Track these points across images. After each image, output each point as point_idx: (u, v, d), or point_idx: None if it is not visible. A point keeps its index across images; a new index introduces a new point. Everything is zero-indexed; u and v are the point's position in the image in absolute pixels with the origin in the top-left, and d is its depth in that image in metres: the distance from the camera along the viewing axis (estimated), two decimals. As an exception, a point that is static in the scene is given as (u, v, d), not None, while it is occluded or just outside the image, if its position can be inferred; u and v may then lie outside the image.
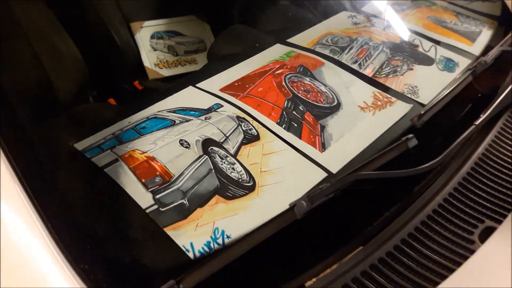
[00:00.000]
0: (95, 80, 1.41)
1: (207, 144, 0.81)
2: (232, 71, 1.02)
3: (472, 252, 0.71)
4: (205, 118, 0.87)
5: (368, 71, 1.04)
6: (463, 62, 1.13)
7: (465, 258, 0.70)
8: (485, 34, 1.25)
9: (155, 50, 1.65)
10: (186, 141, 0.81)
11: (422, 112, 0.88)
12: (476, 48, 1.19)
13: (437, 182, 0.84)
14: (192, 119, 0.86)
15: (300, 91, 0.96)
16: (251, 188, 0.74)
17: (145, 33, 1.65)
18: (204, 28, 1.75)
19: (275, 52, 1.10)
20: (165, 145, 0.80)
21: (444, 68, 1.10)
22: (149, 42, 1.63)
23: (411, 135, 0.81)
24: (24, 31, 1.08)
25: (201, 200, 0.71)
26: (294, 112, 0.90)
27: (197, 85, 0.97)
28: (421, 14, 1.33)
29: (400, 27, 1.24)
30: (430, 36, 1.22)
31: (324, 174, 0.78)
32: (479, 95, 1.03)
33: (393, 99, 0.97)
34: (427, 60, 1.12)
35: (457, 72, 1.09)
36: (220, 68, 1.03)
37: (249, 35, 1.20)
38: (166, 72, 1.63)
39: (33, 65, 1.09)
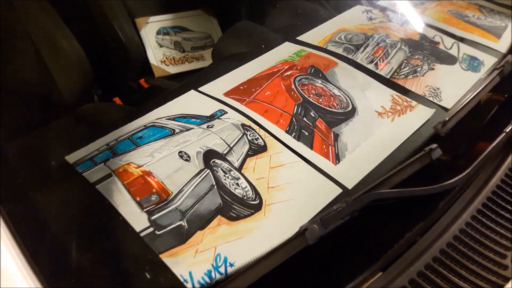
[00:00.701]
0: (100, 78, 1.36)
1: (209, 156, 0.74)
2: (237, 73, 0.94)
3: (506, 279, 0.63)
4: (207, 127, 0.79)
5: (386, 72, 0.96)
6: (489, 61, 1.04)
7: (499, 287, 0.62)
8: (512, 29, 1.16)
9: (161, 46, 1.59)
10: (186, 153, 0.74)
11: (447, 118, 0.80)
12: (503, 44, 1.09)
13: (463, 197, 0.76)
14: (193, 128, 0.79)
15: (311, 95, 0.88)
16: (258, 207, 0.67)
17: (150, 29, 1.59)
18: (212, 23, 1.69)
19: (284, 51, 1.02)
20: (163, 157, 0.73)
21: (468, 67, 1.01)
22: (155, 38, 1.58)
23: (435, 145, 0.73)
24: (26, 29, 1.05)
25: (201, 222, 0.64)
26: (304, 118, 0.83)
27: (199, 89, 0.90)
28: (441, 8, 1.23)
29: (419, 22, 1.15)
30: (452, 32, 1.13)
31: (339, 190, 0.70)
32: (508, 97, 0.94)
33: (414, 103, 0.89)
34: (449, 59, 1.03)
35: (483, 72, 1.00)
36: (225, 70, 0.95)
37: (256, 33, 1.12)
38: (172, 70, 1.57)
39: (36, 64, 1.06)
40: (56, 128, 1.10)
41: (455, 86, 0.94)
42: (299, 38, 1.06)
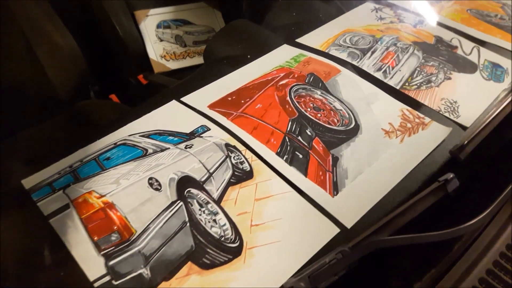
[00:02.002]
0: (98, 74, 1.31)
1: (184, 184, 0.63)
2: (227, 81, 0.83)
3: None
4: (186, 147, 0.68)
5: (395, 81, 0.84)
6: (514, 69, 0.91)
7: None
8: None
9: (161, 40, 1.52)
10: (157, 180, 0.63)
11: (465, 141, 0.68)
12: (530, 49, 0.96)
13: (483, 236, 0.64)
14: (169, 148, 0.68)
15: (309, 109, 0.76)
16: (237, 252, 0.56)
17: (150, 22, 1.51)
18: (215, 16, 1.59)
19: (281, 55, 0.90)
20: (130, 185, 0.63)
21: (489, 76, 0.88)
22: (155, 32, 1.50)
23: (451, 175, 0.62)
24: (19, 24, 1.00)
25: (168, 270, 0.53)
26: (299, 137, 0.71)
27: (182, 99, 0.79)
28: (460, 6, 1.10)
29: (434, 23, 1.02)
30: (471, 35, 1.00)
31: (336, 230, 0.59)
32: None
33: (427, 119, 0.77)
34: (468, 66, 0.90)
35: (507, 82, 0.87)
36: (213, 77, 0.84)
37: (252, 33, 1.01)
38: (173, 65, 1.49)
39: (29, 60, 1.02)
40: (35, 134, 1.02)
41: (475, 99, 0.82)
42: (298, 40, 0.94)
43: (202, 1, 1.59)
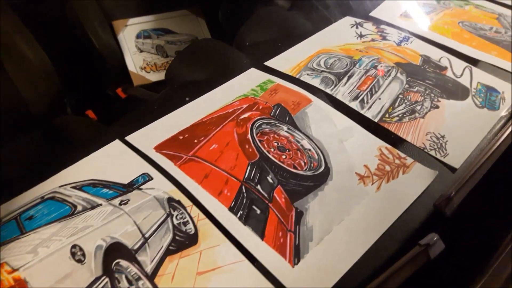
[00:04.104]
0: (74, 88, 1.26)
1: (113, 254, 0.52)
2: (182, 114, 0.72)
3: None
4: (120, 203, 0.57)
5: (374, 113, 0.73)
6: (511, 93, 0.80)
7: None
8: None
9: (141, 51, 1.43)
10: (81, 249, 0.52)
11: (452, 193, 0.57)
12: (529, 69, 0.86)
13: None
14: (100, 204, 0.57)
15: (272, 149, 0.66)
16: None
17: (129, 32, 1.42)
18: (199, 24, 1.50)
19: (247, 81, 0.79)
20: (49, 255, 0.52)
21: (483, 103, 0.77)
22: (134, 42, 1.41)
23: (434, 237, 0.51)
24: None
25: None
26: (258, 186, 0.60)
27: (127, 138, 0.68)
28: (450, 18, 0.99)
29: (421, 39, 0.91)
30: (463, 53, 0.89)
31: (293, 313, 0.48)
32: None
33: (409, 160, 0.66)
34: (459, 91, 0.79)
35: (503, 109, 0.76)
36: (167, 108, 0.73)
37: (218, 54, 0.90)
38: (154, 77, 1.39)
39: None
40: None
41: (466, 132, 0.71)
42: (268, 63, 0.84)
43: (185, 9, 1.49)
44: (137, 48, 1.42)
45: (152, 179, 0.61)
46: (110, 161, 0.64)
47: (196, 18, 1.49)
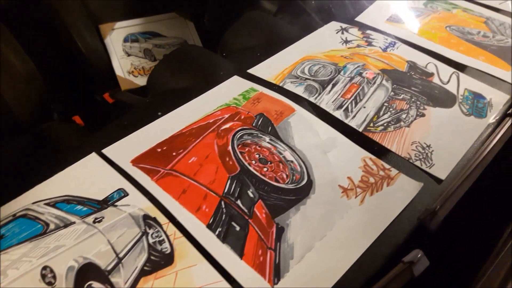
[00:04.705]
0: (61, 93, 1.24)
1: (85, 275, 0.50)
2: (161, 125, 0.70)
3: None
4: (95, 220, 0.55)
5: (358, 122, 0.71)
6: (498, 99, 0.79)
7: None
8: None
9: (128, 55, 1.40)
10: (51, 271, 0.50)
11: (437, 207, 0.55)
12: (516, 74, 0.84)
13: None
14: (74, 223, 0.55)
15: (253, 162, 0.64)
16: None
17: (116, 36, 1.39)
18: (188, 27, 1.48)
19: (230, 89, 0.78)
20: (19, 278, 0.50)
21: (470, 110, 0.76)
22: (121, 46, 1.38)
23: (418, 254, 0.49)
24: None
25: None
26: (238, 201, 0.58)
27: (104, 150, 0.66)
28: (438, 23, 0.98)
29: (408, 44, 0.89)
30: (450, 58, 0.87)
31: (271, 337, 0.46)
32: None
33: (393, 171, 0.64)
34: (445, 99, 0.78)
35: (490, 117, 0.75)
36: (146, 119, 0.71)
37: (200, 61, 0.88)
38: (142, 81, 1.36)
39: None
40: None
41: (452, 141, 0.70)
42: (251, 71, 0.82)
43: (173, 11, 1.46)
44: (124, 52, 1.40)
45: (127, 195, 0.59)
46: (86, 175, 0.62)
47: (185, 21, 1.47)
